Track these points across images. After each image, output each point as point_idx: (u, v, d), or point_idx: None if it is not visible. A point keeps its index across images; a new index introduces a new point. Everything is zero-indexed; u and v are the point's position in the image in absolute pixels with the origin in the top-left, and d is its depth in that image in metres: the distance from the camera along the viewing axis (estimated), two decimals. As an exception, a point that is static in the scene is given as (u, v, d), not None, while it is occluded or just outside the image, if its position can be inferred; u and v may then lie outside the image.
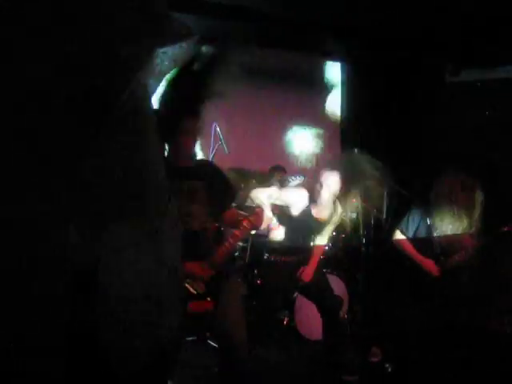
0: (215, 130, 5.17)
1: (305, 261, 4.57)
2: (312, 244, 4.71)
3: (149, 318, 1.19)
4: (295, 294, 5.16)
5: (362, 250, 5.66)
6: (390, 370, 4.50)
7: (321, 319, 4.61)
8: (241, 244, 5.67)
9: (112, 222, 1.19)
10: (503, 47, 5.65)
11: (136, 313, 1.17)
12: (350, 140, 6.91)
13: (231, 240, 3.41)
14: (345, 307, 5.43)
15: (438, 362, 4.39)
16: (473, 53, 5.98)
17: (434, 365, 4.32)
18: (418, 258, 4.68)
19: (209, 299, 3.27)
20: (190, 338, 5.12)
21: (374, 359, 4.68)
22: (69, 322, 1.16)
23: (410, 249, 4.72)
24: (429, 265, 4.64)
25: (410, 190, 5.26)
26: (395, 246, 4.81)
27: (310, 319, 5.19)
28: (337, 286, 5.40)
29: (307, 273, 4.51)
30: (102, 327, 1.17)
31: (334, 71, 7.15)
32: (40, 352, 1.13)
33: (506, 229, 4.37)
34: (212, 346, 4.89)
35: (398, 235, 4.81)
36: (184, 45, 1.31)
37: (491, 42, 5.64)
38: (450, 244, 4.63)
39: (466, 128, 6.09)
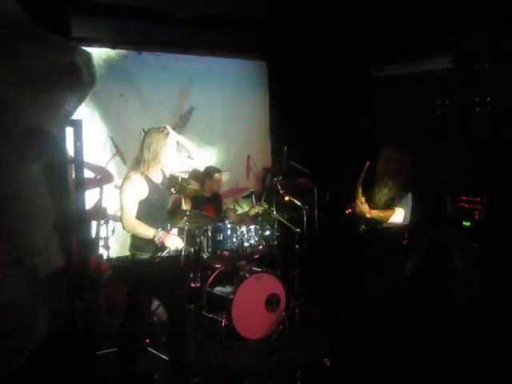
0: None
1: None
2: None
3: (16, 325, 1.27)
4: (231, 296, 5.15)
5: (296, 247, 5.68)
6: (328, 364, 4.53)
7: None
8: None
9: None
10: (423, 42, 5.81)
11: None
12: (280, 138, 6.95)
13: None
14: (282, 305, 5.46)
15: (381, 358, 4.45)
16: (395, 49, 6.12)
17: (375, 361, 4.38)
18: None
19: None
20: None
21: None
22: None
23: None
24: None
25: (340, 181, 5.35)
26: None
27: (247, 319, 5.19)
28: (273, 284, 5.43)
29: None
30: None
31: (260, 70, 7.16)
32: None
33: None
34: (152, 353, 4.84)
35: None
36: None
37: (412, 38, 5.79)
38: None
39: (389, 120, 6.23)
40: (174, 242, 4.12)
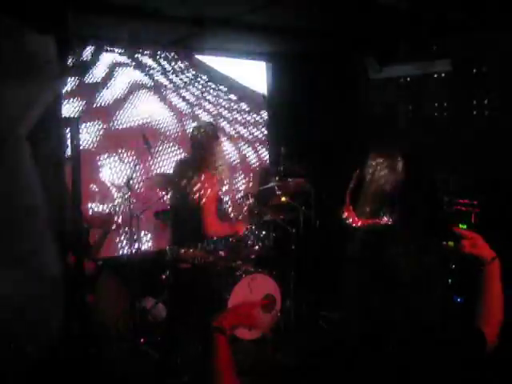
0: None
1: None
2: None
3: (28, 325, 1.22)
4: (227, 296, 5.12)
5: (293, 248, 5.67)
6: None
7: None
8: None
9: None
10: (422, 45, 5.82)
11: (14, 323, 1.19)
12: (277, 138, 6.96)
13: None
14: (278, 306, 5.45)
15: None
16: (394, 50, 6.12)
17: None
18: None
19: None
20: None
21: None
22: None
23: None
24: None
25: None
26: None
27: (243, 319, 5.17)
28: (268, 285, 5.41)
29: None
30: None
31: (258, 70, 7.15)
32: None
33: None
34: (146, 352, 4.83)
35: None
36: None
37: (412, 41, 5.79)
38: None
39: (387, 122, 6.23)
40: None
